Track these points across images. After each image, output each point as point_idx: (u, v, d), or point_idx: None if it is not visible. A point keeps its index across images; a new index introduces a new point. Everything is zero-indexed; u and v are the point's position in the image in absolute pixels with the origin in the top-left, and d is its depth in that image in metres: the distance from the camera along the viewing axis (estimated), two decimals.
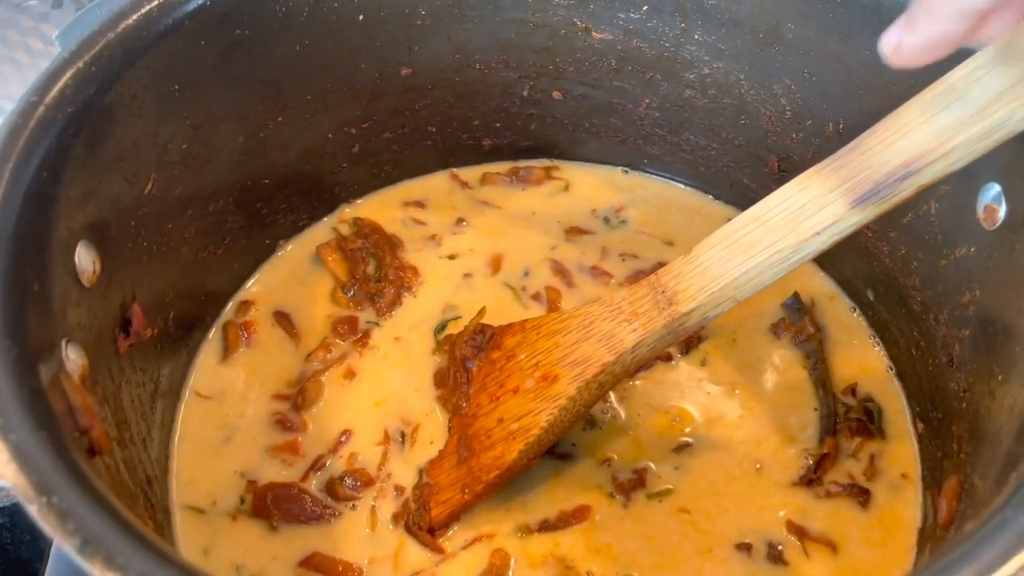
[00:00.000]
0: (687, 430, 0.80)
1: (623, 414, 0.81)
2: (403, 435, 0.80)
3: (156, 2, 0.69)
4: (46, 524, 0.42)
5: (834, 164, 0.63)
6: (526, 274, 0.92)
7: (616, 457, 0.78)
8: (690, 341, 0.85)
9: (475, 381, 0.77)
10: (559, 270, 0.92)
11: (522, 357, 0.74)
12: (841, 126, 0.82)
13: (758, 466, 0.78)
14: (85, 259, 0.64)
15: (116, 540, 0.42)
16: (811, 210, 0.63)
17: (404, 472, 0.77)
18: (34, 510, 0.42)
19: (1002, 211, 0.65)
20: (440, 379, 0.83)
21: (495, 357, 0.77)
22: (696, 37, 0.86)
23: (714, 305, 0.68)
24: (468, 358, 0.78)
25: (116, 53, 0.67)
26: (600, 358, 0.70)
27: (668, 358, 0.84)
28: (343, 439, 0.79)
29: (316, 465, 0.77)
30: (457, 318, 0.88)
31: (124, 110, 0.68)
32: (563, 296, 0.90)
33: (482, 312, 0.85)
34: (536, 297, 0.90)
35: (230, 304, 0.89)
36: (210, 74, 0.76)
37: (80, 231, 0.63)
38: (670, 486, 0.76)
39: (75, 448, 0.48)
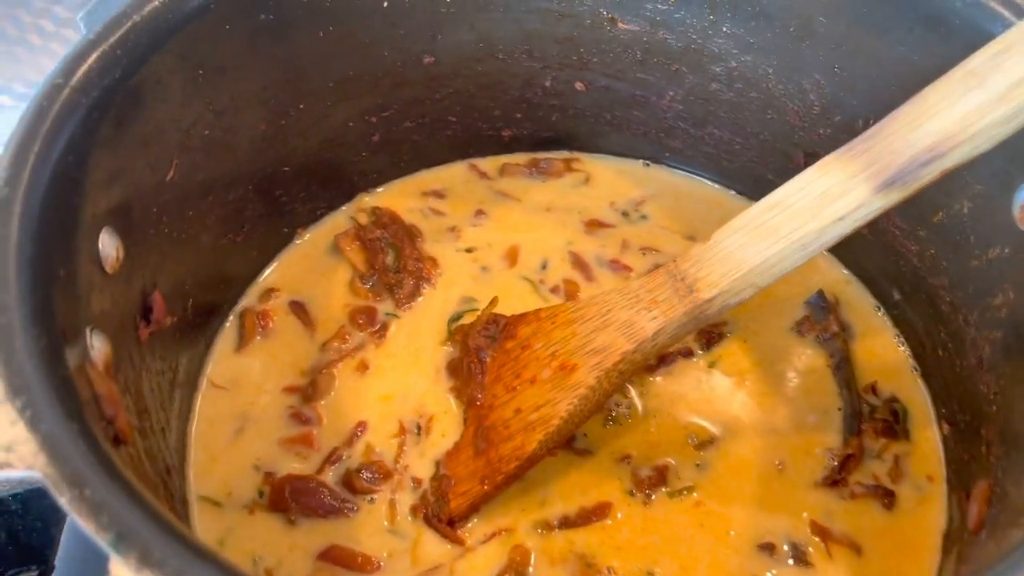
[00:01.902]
0: (709, 427, 0.79)
1: (643, 410, 0.80)
2: (418, 427, 0.79)
3: None
4: (79, 517, 0.41)
5: (856, 149, 0.63)
6: (544, 267, 0.91)
7: (635, 453, 0.77)
8: (712, 337, 0.84)
9: (490, 371, 0.76)
10: (578, 263, 0.91)
11: (538, 347, 0.74)
12: (871, 122, 0.79)
13: (781, 466, 0.77)
14: (108, 245, 0.63)
15: (152, 535, 0.41)
16: (834, 195, 0.62)
17: (421, 464, 0.77)
18: (66, 503, 0.42)
19: None
20: (453, 370, 0.82)
21: (510, 347, 0.76)
22: (724, 29, 0.85)
23: (736, 292, 0.67)
24: (482, 348, 0.77)
25: (142, 36, 0.66)
26: (620, 347, 0.69)
27: (689, 354, 0.84)
28: (358, 431, 0.78)
29: (332, 458, 0.76)
30: (474, 310, 0.87)
31: (149, 94, 0.67)
32: (582, 289, 0.89)
33: (494, 302, 0.84)
34: (555, 290, 0.89)
35: (249, 292, 0.88)
36: (234, 59, 0.74)
37: (104, 217, 0.62)
38: (691, 484, 0.76)
39: (104, 438, 0.47)
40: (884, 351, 0.85)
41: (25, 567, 0.91)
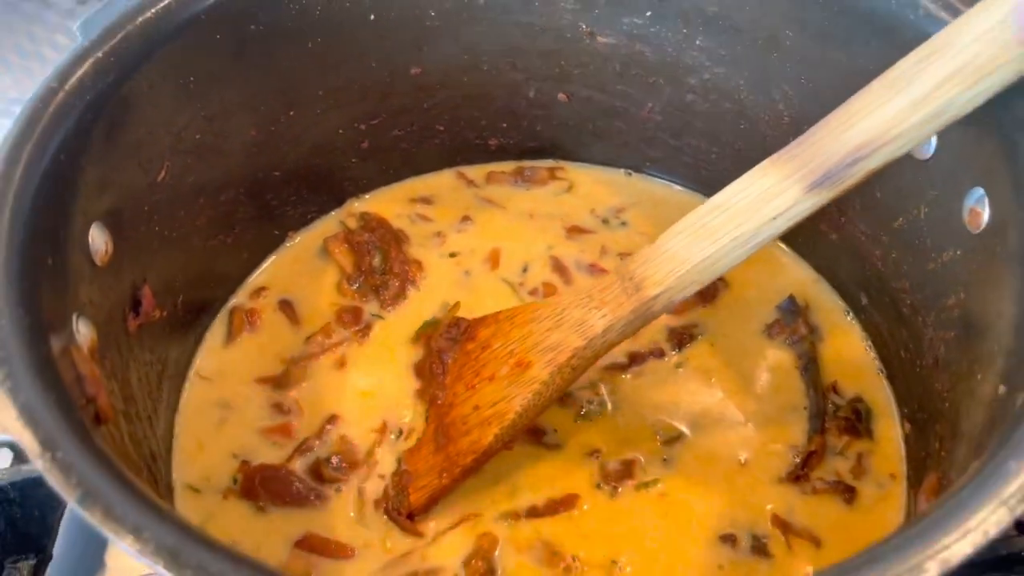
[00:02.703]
0: (676, 424, 0.82)
1: (613, 407, 0.83)
2: (384, 424, 0.82)
3: None
4: (50, 477, 0.45)
5: (790, 153, 0.66)
6: (525, 270, 0.94)
7: (604, 448, 0.80)
8: (683, 338, 0.87)
9: (451, 372, 0.79)
10: (558, 267, 0.94)
11: (497, 346, 0.77)
12: None
13: (746, 461, 0.79)
14: (98, 240, 0.67)
15: (114, 494, 0.45)
16: (769, 196, 0.66)
17: (387, 460, 0.79)
18: (39, 464, 0.45)
19: (985, 214, 0.66)
20: (419, 371, 0.85)
21: (470, 348, 0.79)
22: (698, 43, 0.88)
23: (680, 289, 0.70)
24: (444, 350, 0.80)
25: (135, 44, 0.70)
26: (571, 343, 0.72)
27: (660, 354, 0.86)
28: (329, 424, 0.81)
29: (303, 447, 0.79)
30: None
31: (141, 99, 0.71)
32: (560, 292, 0.92)
33: (457, 306, 0.88)
34: (534, 292, 0.92)
35: (240, 290, 0.91)
36: (224, 68, 0.79)
37: (94, 213, 0.66)
38: (657, 477, 0.78)
39: (81, 411, 0.51)
40: (851, 353, 0.87)
41: (23, 555, 0.93)
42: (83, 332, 0.61)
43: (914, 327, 0.79)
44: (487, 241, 0.97)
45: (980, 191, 0.67)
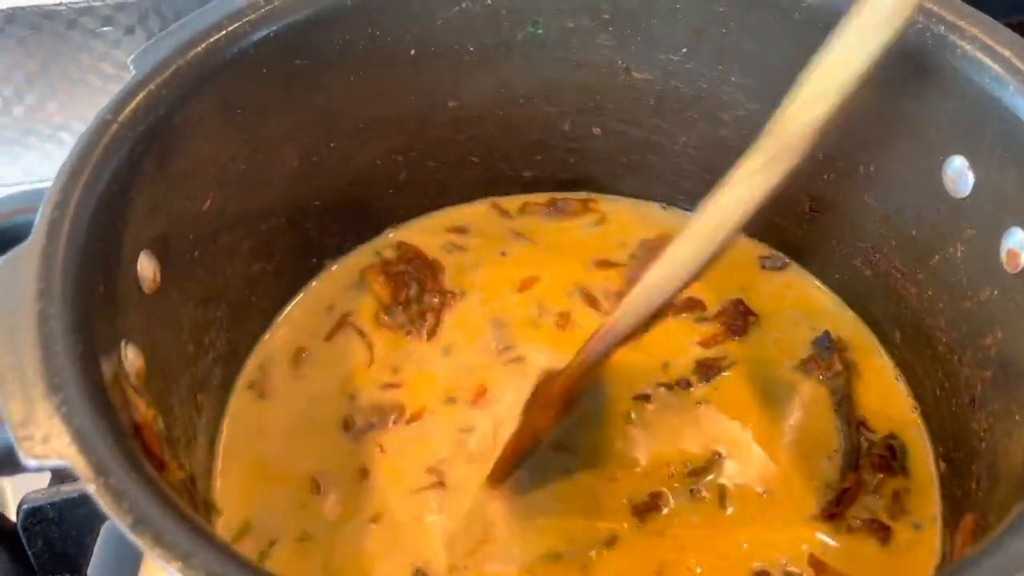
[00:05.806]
0: (704, 456, 0.81)
1: (638, 438, 0.83)
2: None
3: (224, 32, 0.75)
4: (102, 502, 0.46)
5: None
6: (553, 300, 0.94)
7: (629, 480, 0.79)
8: (711, 370, 0.87)
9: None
10: (586, 297, 0.95)
11: None
12: (872, 168, 0.84)
13: (777, 496, 0.79)
14: (147, 268, 0.68)
15: (165, 521, 0.46)
16: None
17: None
18: (92, 489, 0.46)
19: None
20: None
21: None
22: (733, 79, 0.89)
23: None
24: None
25: (186, 78, 0.72)
26: None
27: (688, 385, 0.86)
28: None
29: None
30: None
31: (190, 131, 0.73)
32: (584, 320, 0.92)
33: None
34: (559, 320, 0.92)
35: (279, 317, 0.93)
36: (270, 101, 0.81)
37: (143, 241, 0.68)
38: (686, 511, 0.78)
39: (131, 438, 0.52)
40: (885, 390, 0.87)
41: (59, 574, 0.95)
42: (131, 358, 0.62)
43: (949, 365, 0.79)
44: (519, 271, 0.97)
45: (1020, 233, 0.67)
